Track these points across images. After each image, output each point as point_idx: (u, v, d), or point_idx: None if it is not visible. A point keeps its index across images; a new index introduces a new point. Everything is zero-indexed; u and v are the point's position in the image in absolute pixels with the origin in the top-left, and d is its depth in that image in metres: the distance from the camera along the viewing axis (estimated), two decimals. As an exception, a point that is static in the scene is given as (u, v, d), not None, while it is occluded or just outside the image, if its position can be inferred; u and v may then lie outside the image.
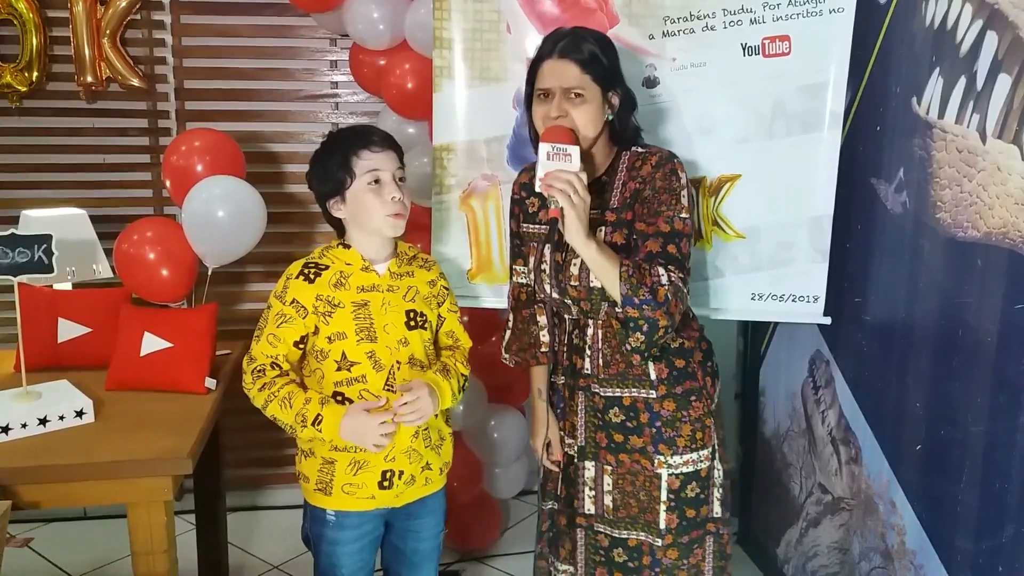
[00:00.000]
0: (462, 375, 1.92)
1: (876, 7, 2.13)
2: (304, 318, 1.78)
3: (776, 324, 2.77)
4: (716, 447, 1.88)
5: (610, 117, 1.81)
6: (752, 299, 2.24)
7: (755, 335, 2.95)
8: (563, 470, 1.99)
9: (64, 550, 2.97)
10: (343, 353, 1.78)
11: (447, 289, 1.95)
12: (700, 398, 1.85)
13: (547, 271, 1.83)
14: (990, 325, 1.62)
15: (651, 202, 1.75)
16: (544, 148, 1.68)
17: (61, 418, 1.91)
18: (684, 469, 1.84)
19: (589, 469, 1.90)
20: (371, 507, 1.84)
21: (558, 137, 1.69)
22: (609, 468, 1.88)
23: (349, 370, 1.79)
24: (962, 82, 1.73)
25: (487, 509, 3.05)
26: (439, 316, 1.93)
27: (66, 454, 1.80)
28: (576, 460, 1.93)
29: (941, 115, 1.82)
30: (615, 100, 1.80)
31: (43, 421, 1.88)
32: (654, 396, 1.83)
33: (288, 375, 1.81)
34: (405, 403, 1.75)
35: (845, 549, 2.29)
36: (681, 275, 1.72)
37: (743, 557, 2.95)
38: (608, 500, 1.89)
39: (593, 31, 1.84)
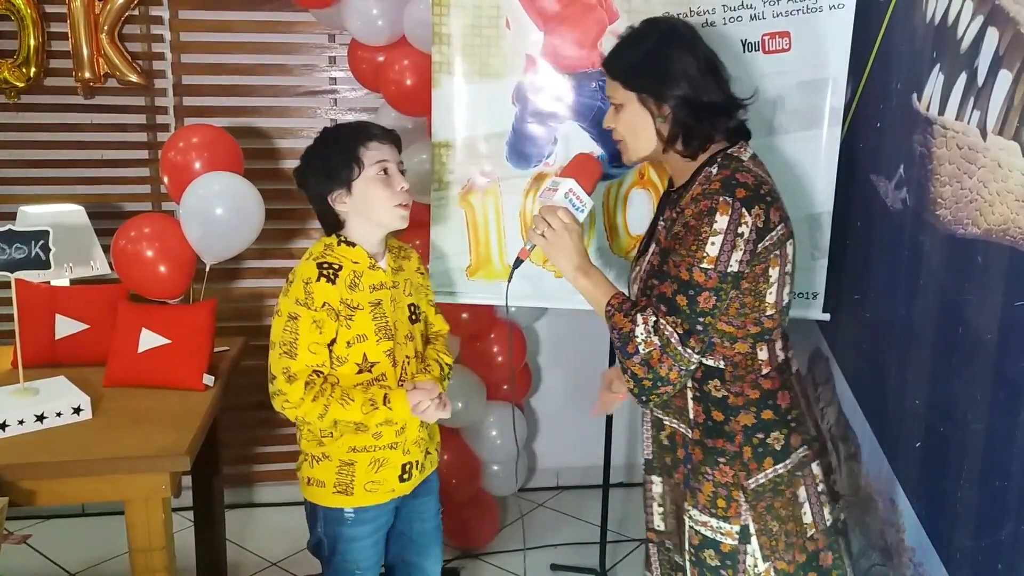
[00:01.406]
0: (447, 364, 1.97)
1: (876, 3, 2.12)
2: (335, 320, 1.75)
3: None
4: (752, 533, 1.63)
5: (659, 122, 1.63)
6: (751, 296, 2.24)
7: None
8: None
9: (62, 547, 2.97)
10: (364, 355, 1.78)
11: (423, 274, 1.99)
12: (731, 464, 1.62)
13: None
14: (990, 322, 1.61)
15: (680, 240, 1.56)
16: (545, 183, 1.69)
17: (59, 415, 1.91)
18: (703, 531, 1.66)
19: (656, 484, 1.81)
20: (389, 498, 1.87)
21: (567, 169, 1.70)
22: (661, 490, 1.80)
23: (370, 371, 1.79)
24: (963, 78, 1.73)
25: (485, 506, 3.05)
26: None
27: (64, 451, 1.79)
28: (644, 473, 1.85)
29: (942, 111, 1.81)
30: (658, 106, 1.62)
31: (40, 418, 1.88)
32: (690, 436, 1.67)
33: (328, 379, 1.78)
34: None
35: (844, 546, 2.29)
36: (680, 331, 1.52)
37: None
38: (666, 522, 1.80)
39: (645, 28, 1.68)
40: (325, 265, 1.77)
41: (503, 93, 2.24)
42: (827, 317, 2.24)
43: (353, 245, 1.81)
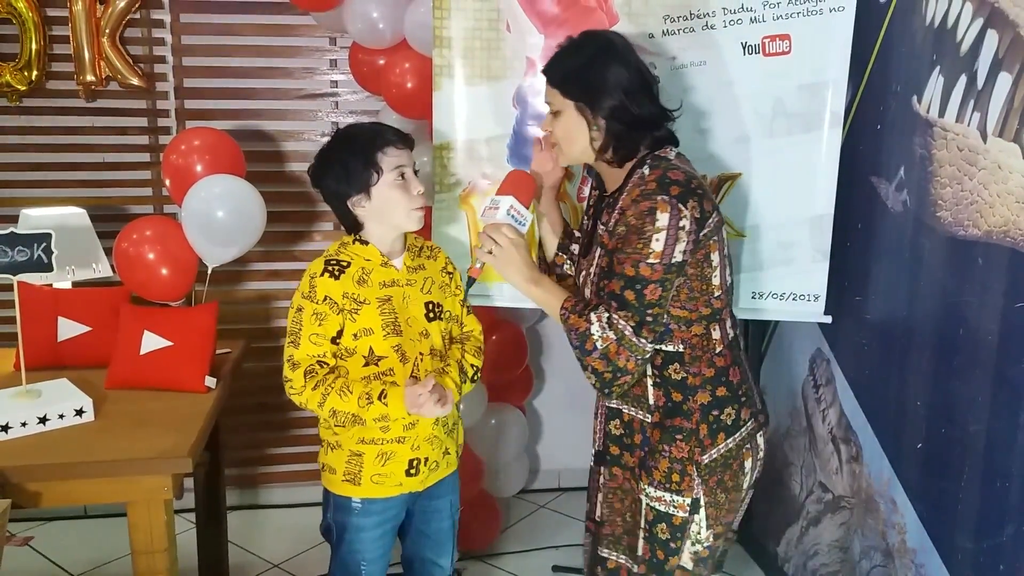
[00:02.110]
0: (472, 366, 1.98)
1: (876, 6, 2.13)
2: (338, 314, 1.80)
3: (777, 323, 2.77)
4: (702, 505, 1.73)
5: (594, 131, 1.72)
6: (753, 298, 2.24)
7: (755, 334, 2.95)
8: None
9: (64, 549, 2.97)
10: (370, 348, 1.81)
11: (451, 274, 2.01)
12: (688, 441, 1.72)
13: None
14: (991, 324, 1.62)
15: (624, 239, 1.65)
16: (484, 204, 1.80)
17: (61, 417, 1.91)
18: (658, 507, 1.74)
19: (603, 475, 1.88)
20: (397, 492, 1.89)
21: (504, 186, 1.78)
22: (603, 480, 1.86)
23: (377, 364, 1.82)
24: (962, 81, 1.73)
25: (487, 508, 3.05)
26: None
27: (66, 453, 1.80)
28: (593, 464, 1.92)
29: (942, 114, 1.81)
30: (593, 115, 1.70)
31: (43, 420, 1.88)
32: (648, 421, 1.76)
33: (336, 371, 1.83)
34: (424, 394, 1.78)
35: (846, 548, 2.29)
36: (632, 324, 1.62)
37: (744, 556, 2.95)
38: (599, 512, 1.88)
39: (584, 40, 1.76)
40: (332, 262, 1.83)
41: (504, 96, 2.24)
42: (828, 319, 2.24)
43: (367, 244, 1.85)
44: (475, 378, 1.98)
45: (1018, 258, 1.53)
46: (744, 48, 2.16)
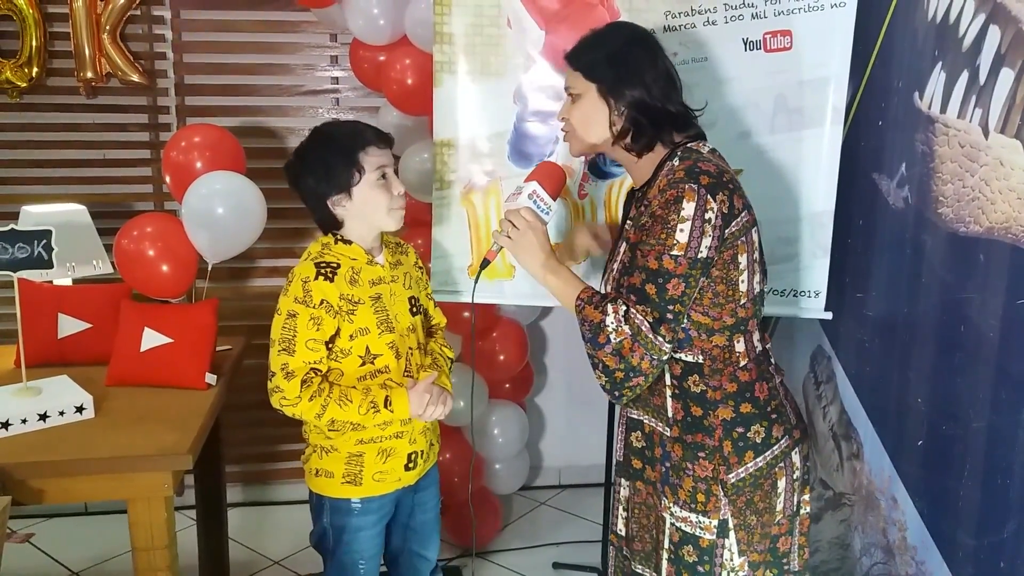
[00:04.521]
0: (449, 359, 2.02)
1: (878, 1, 2.12)
2: (334, 317, 1.78)
3: (777, 319, 2.77)
4: (731, 527, 1.63)
5: (615, 116, 1.65)
6: (753, 294, 2.24)
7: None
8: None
9: (65, 545, 2.98)
10: (367, 348, 1.81)
11: (421, 268, 2.03)
12: (711, 459, 1.62)
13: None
14: (992, 320, 1.61)
15: (648, 231, 1.57)
16: (511, 190, 1.75)
17: (61, 414, 1.91)
18: (683, 527, 1.66)
19: (625, 488, 1.81)
20: (395, 488, 1.90)
21: (531, 175, 1.73)
22: (627, 494, 1.80)
23: (373, 363, 1.83)
24: (964, 77, 1.73)
25: (487, 504, 3.05)
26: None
27: (66, 450, 1.80)
28: (614, 475, 1.85)
29: (943, 110, 1.81)
30: (616, 99, 1.64)
31: (43, 417, 1.88)
32: (668, 434, 1.67)
33: (327, 378, 1.82)
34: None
35: (846, 544, 2.29)
36: (651, 319, 1.53)
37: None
38: (627, 527, 1.81)
39: (616, 27, 1.75)
40: (323, 264, 1.80)
41: (504, 92, 2.24)
42: (829, 316, 2.24)
43: (349, 243, 1.85)
44: (450, 368, 2.02)
45: (1019, 255, 1.53)
46: (745, 44, 2.15)
